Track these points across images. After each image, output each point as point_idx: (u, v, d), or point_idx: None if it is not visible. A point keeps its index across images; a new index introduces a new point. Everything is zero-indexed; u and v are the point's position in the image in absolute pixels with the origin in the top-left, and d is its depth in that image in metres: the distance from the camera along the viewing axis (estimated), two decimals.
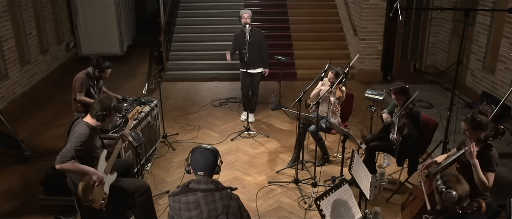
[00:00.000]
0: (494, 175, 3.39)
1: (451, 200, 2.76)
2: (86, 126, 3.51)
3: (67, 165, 3.31)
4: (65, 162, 3.30)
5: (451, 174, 2.90)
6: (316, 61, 8.80)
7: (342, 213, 3.29)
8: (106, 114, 3.52)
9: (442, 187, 2.80)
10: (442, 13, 8.32)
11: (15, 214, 4.46)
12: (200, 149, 2.75)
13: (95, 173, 3.47)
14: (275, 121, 6.76)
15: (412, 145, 4.48)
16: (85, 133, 3.44)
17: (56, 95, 7.74)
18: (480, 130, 3.44)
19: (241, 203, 2.74)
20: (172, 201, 2.72)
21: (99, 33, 9.75)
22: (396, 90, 4.50)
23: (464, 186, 2.79)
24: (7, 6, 6.94)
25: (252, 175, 5.19)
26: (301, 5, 10.43)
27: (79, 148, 3.36)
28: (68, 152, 3.32)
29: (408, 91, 4.47)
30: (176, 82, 8.61)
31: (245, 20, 5.99)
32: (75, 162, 3.35)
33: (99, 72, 4.98)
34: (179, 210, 2.69)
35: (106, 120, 3.59)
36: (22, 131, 6.28)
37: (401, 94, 4.47)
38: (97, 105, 3.51)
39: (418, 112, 4.47)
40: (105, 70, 4.99)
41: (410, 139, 4.47)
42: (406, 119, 4.47)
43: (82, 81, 4.94)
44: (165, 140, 5.93)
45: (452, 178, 2.83)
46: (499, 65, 6.55)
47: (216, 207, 2.65)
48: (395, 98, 4.54)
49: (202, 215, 2.66)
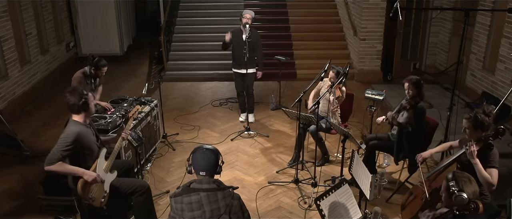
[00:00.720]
0: (497, 171, 3.38)
1: (462, 202, 2.70)
2: (75, 125, 3.47)
3: (54, 167, 3.32)
4: (52, 164, 3.30)
5: (464, 175, 2.82)
6: (316, 61, 8.80)
7: (342, 213, 3.29)
8: (84, 100, 3.44)
9: (454, 189, 2.73)
10: (442, 13, 8.32)
11: (15, 214, 4.46)
12: (202, 149, 2.75)
13: (84, 173, 3.44)
14: (275, 121, 6.76)
15: (407, 135, 4.46)
16: (73, 132, 3.39)
17: (56, 95, 7.74)
18: (481, 129, 3.44)
19: (242, 202, 2.75)
20: (174, 202, 2.70)
21: (99, 33, 9.76)
22: (410, 80, 4.47)
23: (474, 188, 2.74)
24: (7, 6, 6.94)
25: (252, 175, 5.19)
26: (301, 5, 10.44)
27: (66, 149, 3.34)
28: (54, 154, 3.32)
29: (422, 86, 4.46)
30: (176, 82, 8.62)
31: (246, 20, 5.97)
32: (63, 163, 3.35)
33: (95, 70, 4.98)
34: (182, 210, 2.68)
35: (89, 106, 3.51)
36: (22, 131, 6.28)
37: (414, 85, 4.45)
38: (72, 99, 3.42)
39: (423, 108, 4.46)
40: (101, 68, 4.99)
41: (406, 127, 4.46)
42: (410, 109, 4.47)
43: (79, 80, 4.94)
44: (165, 140, 5.93)
45: (465, 179, 2.75)
46: (499, 65, 6.55)
47: (219, 206, 2.65)
48: (408, 87, 4.48)
49: (205, 215, 2.65)
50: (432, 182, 3.71)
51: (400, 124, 4.47)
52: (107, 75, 5.35)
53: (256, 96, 7.13)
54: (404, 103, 4.49)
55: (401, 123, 4.47)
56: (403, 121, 4.46)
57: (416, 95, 4.43)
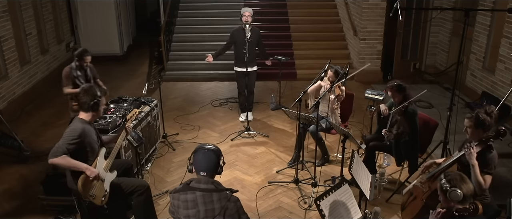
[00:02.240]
0: (491, 178, 3.40)
1: (456, 198, 2.74)
2: (80, 122, 3.51)
3: (58, 159, 3.33)
4: (57, 156, 3.32)
5: (455, 173, 2.88)
6: (316, 61, 8.80)
7: (342, 213, 3.29)
8: (96, 101, 3.52)
9: (447, 186, 2.78)
10: (442, 13, 8.32)
11: (15, 214, 4.46)
12: (204, 150, 2.75)
13: (87, 168, 3.46)
14: (275, 121, 6.76)
15: (404, 143, 4.47)
16: (78, 128, 3.44)
17: (56, 96, 7.72)
18: (482, 129, 3.43)
19: (240, 206, 2.73)
20: (172, 198, 2.76)
21: (99, 33, 9.75)
22: (392, 87, 4.49)
23: (468, 185, 2.78)
24: (7, 6, 6.94)
25: (252, 175, 5.19)
26: (301, 5, 10.44)
27: (71, 142, 3.37)
28: (59, 147, 3.34)
29: (405, 90, 4.46)
30: (176, 82, 8.61)
31: (246, 18, 5.98)
32: (67, 157, 3.36)
33: (79, 61, 5.02)
34: (178, 207, 2.72)
35: (100, 107, 3.60)
36: (22, 131, 6.28)
37: (397, 91, 4.46)
38: (84, 98, 3.50)
39: (413, 110, 4.45)
40: (84, 57, 5.03)
41: (402, 137, 4.46)
42: (400, 116, 4.47)
43: (67, 75, 5.02)
44: (165, 140, 5.93)
45: (456, 177, 2.81)
46: (499, 65, 6.55)
47: (214, 207, 2.66)
48: (391, 95, 4.52)
49: (199, 214, 2.67)
50: (432, 183, 3.71)
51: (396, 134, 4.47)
52: (107, 75, 5.37)
53: (256, 96, 7.13)
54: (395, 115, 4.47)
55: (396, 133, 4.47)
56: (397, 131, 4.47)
57: (402, 100, 4.43)
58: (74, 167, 3.43)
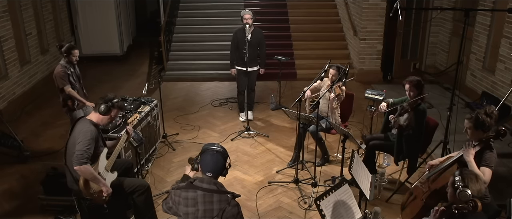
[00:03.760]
0: (490, 172, 3.38)
1: (465, 199, 2.72)
2: (91, 124, 3.56)
3: (84, 168, 3.37)
4: (84, 163, 3.36)
5: (471, 172, 2.85)
6: (316, 61, 8.80)
7: (342, 213, 3.29)
8: (109, 105, 3.58)
9: (460, 184, 2.75)
10: (442, 13, 8.32)
11: (15, 214, 4.46)
12: (212, 151, 2.76)
13: (105, 185, 3.54)
14: (275, 121, 6.76)
15: (407, 137, 4.47)
16: (90, 130, 3.50)
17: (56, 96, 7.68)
18: (482, 130, 3.42)
19: (239, 211, 2.72)
20: (173, 194, 2.78)
21: (99, 33, 9.75)
22: (411, 81, 4.46)
23: (479, 187, 2.76)
24: (7, 6, 6.94)
25: (252, 175, 5.19)
26: (301, 5, 10.44)
27: (89, 146, 3.42)
28: (83, 154, 3.38)
29: (423, 87, 4.46)
30: (176, 82, 8.61)
31: (246, 20, 6.06)
32: (90, 167, 3.42)
33: (67, 55, 5.00)
34: (178, 204, 2.75)
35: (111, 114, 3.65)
36: (22, 131, 6.28)
37: (415, 86, 4.45)
38: (101, 100, 3.59)
39: (424, 109, 4.46)
40: (72, 51, 5.02)
41: (406, 130, 4.45)
42: (411, 111, 4.46)
43: (62, 75, 4.98)
44: (165, 140, 5.93)
45: (471, 176, 2.78)
46: (499, 65, 6.55)
47: (213, 208, 2.67)
48: (408, 88, 4.48)
49: (197, 213, 2.69)
50: (432, 183, 3.71)
51: (401, 126, 4.47)
52: (107, 75, 5.36)
53: (256, 96, 7.13)
54: (406, 106, 4.48)
55: (401, 125, 4.46)
56: (403, 123, 4.46)
57: (416, 96, 4.43)
58: (94, 179, 3.48)
